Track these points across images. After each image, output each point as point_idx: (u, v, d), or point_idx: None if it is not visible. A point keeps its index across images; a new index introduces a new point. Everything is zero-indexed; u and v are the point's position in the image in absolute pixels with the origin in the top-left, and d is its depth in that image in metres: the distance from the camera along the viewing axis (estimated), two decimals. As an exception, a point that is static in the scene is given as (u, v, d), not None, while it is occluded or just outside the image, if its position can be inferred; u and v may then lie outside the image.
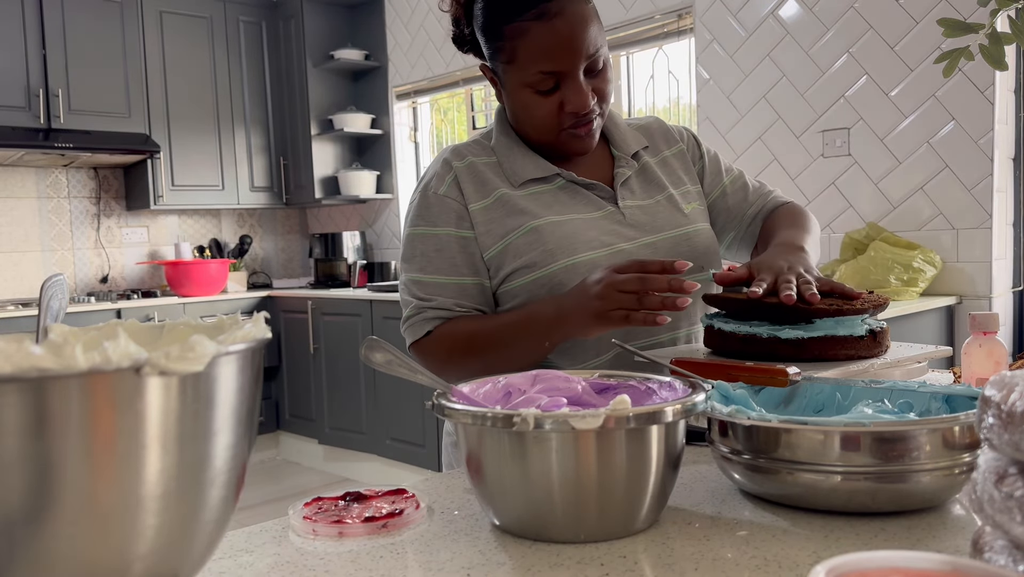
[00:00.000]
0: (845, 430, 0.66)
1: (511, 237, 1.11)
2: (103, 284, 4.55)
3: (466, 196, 1.14)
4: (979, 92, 2.60)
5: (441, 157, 1.18)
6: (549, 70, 1.07)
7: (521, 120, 1.15)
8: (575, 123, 1.11)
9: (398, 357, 0.77)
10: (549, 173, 1.15)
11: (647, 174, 1.22)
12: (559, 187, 1.16)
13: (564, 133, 1.12)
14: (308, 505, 0.75)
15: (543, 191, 1.15)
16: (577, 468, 0.64)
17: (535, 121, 1.12)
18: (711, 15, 3.27)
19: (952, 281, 2.71)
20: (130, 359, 0.42)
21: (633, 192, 1.19)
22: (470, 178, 1.15)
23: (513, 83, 1.11)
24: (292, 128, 4.81)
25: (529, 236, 1.10)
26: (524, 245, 1.10)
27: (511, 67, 1.09)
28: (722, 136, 3.27)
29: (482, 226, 1.13)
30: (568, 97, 1.08)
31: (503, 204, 1.13)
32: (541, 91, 1.09)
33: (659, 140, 1.27)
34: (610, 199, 1.17)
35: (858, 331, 0.98)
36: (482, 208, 1.13)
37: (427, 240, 1.13)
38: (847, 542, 0.63)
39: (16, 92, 3.89)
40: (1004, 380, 0.48)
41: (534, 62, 1.06)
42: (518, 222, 1.11)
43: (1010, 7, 1.14)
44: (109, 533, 0.44)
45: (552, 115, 1.10)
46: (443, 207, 1.14)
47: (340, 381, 4.24)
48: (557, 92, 1.09)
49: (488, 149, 1.18)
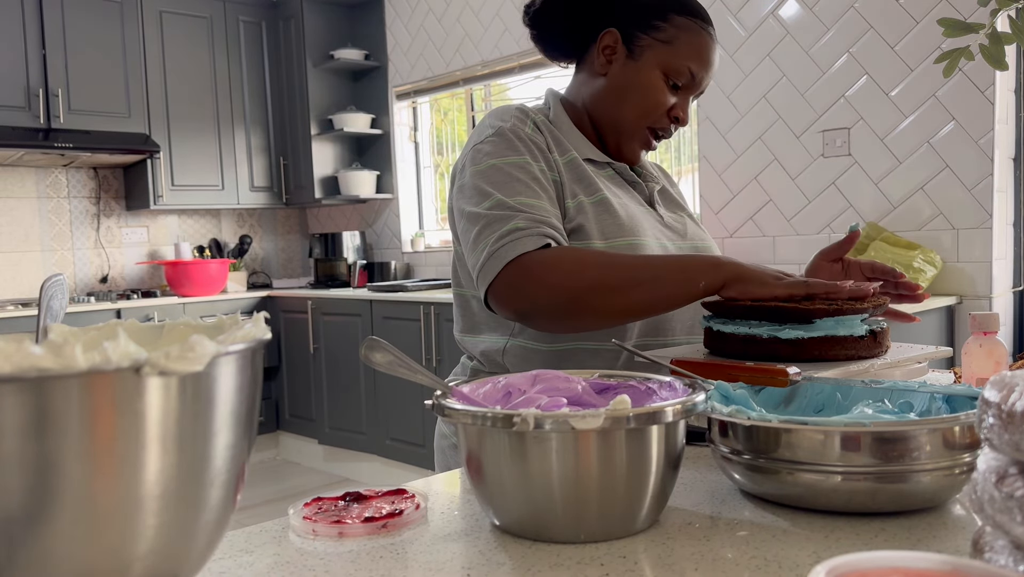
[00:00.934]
0: (845, 430, 0.66)
1: (582, 200, 1.10)
2: (103, 284, 4.55)
3: (550, 144, 1.12)
4: (979, 92, 2.60)
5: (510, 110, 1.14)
6: (694, 71, 1.13)
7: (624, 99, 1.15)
8: (663, 128, 1.16)
9: (398, 357, 0.77)
10: (601, 160, 1.18)
11: (667, 195, 1.28)
12: (608, 175, 1.19)
13: (648, 131, 1.16)
14: (308, 505, 0.75)
15: (598, 173, 1.17)
16: (577, 468, 0.64)
17: (646, 103, 1.14)
18: (711, 15, 3.26)
19: (952, 281, 2.71)
20: (130, 359, 0.42)
21: (661, 202, 1.25)
22: (548, 131, 1.15)
23: (653, 60, 1.13)
24: (292, 128, 4.81)
25: (599, 205, 1.11)
26: (593, 210, 1.10)
27: (663, 47, 1.12)
28: (722, 136, 3.27)
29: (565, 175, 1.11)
30: (682, 104, 1.15)
31: (574, 167, 1.13)
32: (670, 84, 1.13)
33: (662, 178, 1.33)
34: (648, 201, 1.22)
35: (858, 331, 0.98)
36: (563, 162, 1.12)
37: (520, 168, 1.05)
38: (847, 542, 0.63)
39: (16, 92, 3.89)
40: (1004, 380, 0.48)
41: (689, 56, 1.12)
42: (590, 188, 1.12)
43: (1010, 7, 1.14)
44: (109, 533, 0.44)
45: (662, 109, 1.14)
46: (530, 143, 1.09)
47: (340, 381, 4.24)
48: (676, 93, 1.15)
49: (547, 121, 1.18)
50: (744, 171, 3.22)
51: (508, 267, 0.97)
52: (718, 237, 3.33)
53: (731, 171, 3.26)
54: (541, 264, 0.97)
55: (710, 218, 3.35)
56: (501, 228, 0.99)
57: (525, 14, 1.21)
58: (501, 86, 4.36)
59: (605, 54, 1.15)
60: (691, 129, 3.49)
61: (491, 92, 4.44)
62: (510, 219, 0.99)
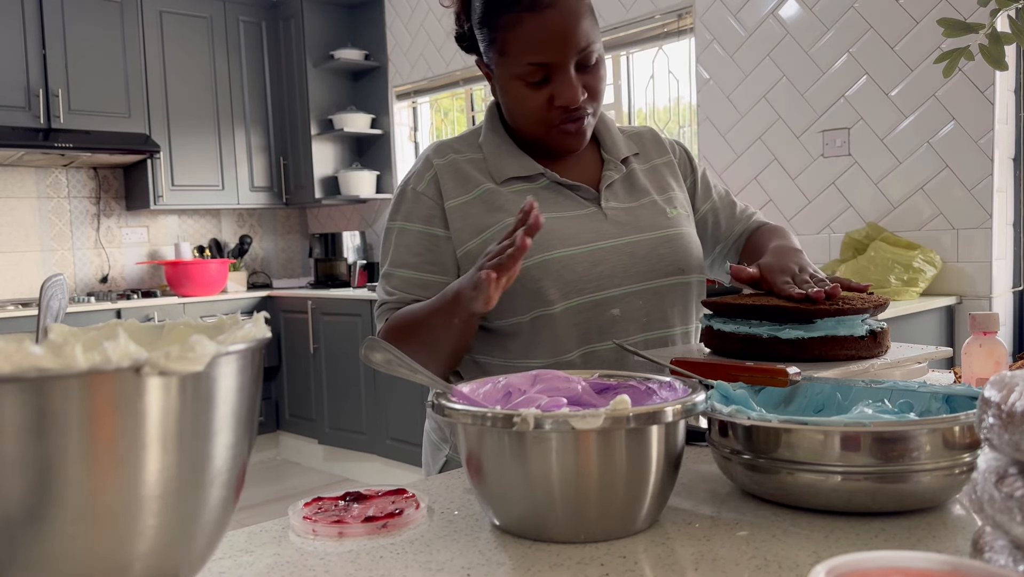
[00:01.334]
0: (845, 430, 0.66)
1: (488, 233, 1.11)
2: (103, 284, 4.55)
3: (444, 194, 1.14)
4: (979, 92, 2.60)
5: (424, 154, 1.19)
6: (539, 61, 1.06)
7: (513, 114, 1.15)
8: (565, 118, 1.10)
9: (398, 357, 0.77)
10: (533, 172, 1.15)
11: (633, 180, 1.22)
12: (543, 187, 1.16)
13: (554, 129, 1.11)
14: (308, 505, 0.75)
15: (526, 189, 1.15)
16: (577, 468, 0.64)
17: (526, 115, 1.12)
18: (711, 15, 3.27)
19: (952, 281, 2.71)
20: (130, 359, 0.42)
21: (617, 195, 1.19)
22: (451, 175, 1.15)
23: (505, 76, 1.11)
24: (292, 128, 4.81)
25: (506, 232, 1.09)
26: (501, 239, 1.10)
27: (503, 59, 1.10)
28: (722, 136, 3.27)
29: (459, 221, 1.13)
30: (557, 91, 1.08)
31: (485, 200, 1.13)
32: (531, 83, 1.08)
33: (651, 148, 1.27)
34: (594, 200, 1.16)
35: (858, 331, 0.98)
36: (460, 204, 1.13)
37: (399, 235, 1.15)
38: (847, 542, 0.63)
39: (16, 92, 3.89)
40: (1004, 380, 0.48)
41: (524, 53, 1.07)
42: (497, 218, 1.12)
43: (1010, 7, 1.14)
44: (109, 533, 0.44)
45: (542, 109, 1.09)
46: (417, 204, 1.15)
47: (340, 381, 4.24)
48: (547, 85, 1.08)
49: (476, 146, 1.19)
50: (744, 171, 3.22)
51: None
52: (718, 237, 3.33)
53: (731, 171, 3.26)
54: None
55: (710, 218, 3.35)
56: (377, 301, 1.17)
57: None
58: (501, 86, 4.36)
59: (488, 80, 1.17)
60: (691, 129, 3.49)
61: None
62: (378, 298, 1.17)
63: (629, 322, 1.12)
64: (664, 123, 3.69)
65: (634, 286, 1.12)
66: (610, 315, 1.11)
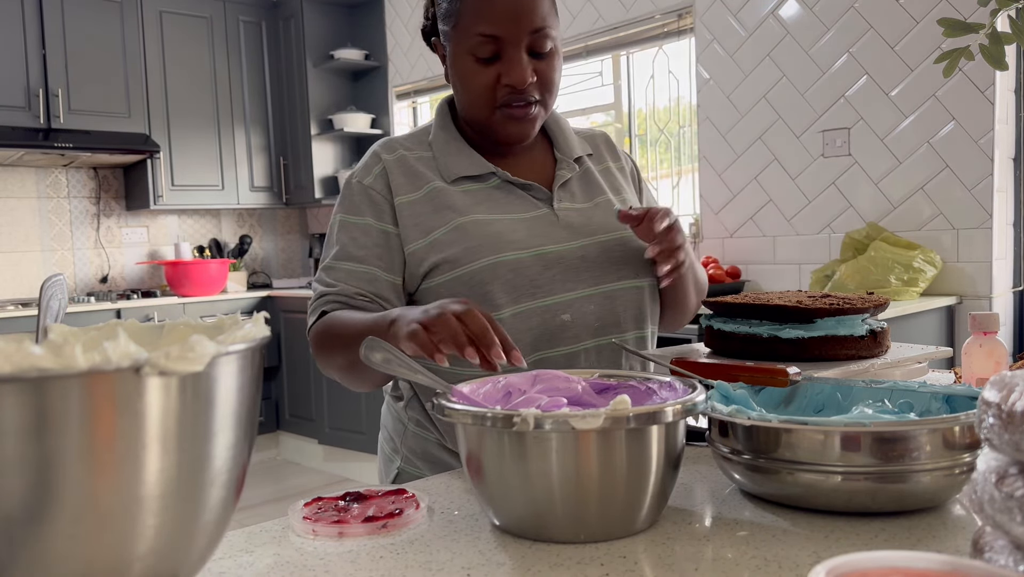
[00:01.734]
0: (845, 430, 0.66)
1: (437, 233, 1.09)
2: (103, 284, 4.55)
3: (393, 189, 1.12)
4: (979, 92, 2.60)
5: (372, 150, 1.17)
6: (489, 33, 1.04)
7: (460, 94, 1.12)
8: (510, 101, 1.07)
9: (398, 357, 0.77)
10: (484, 171, 1.12)
11: (588, 179, 1.19)
12: (494, 186, 1.13)
13: (499, 112, 1.08)
14: (308, 505, 0.75)
15: (476, 189, 1.12)
16: (577, 468, 0.64)
17: (471, 93, 1.08)
18: (711, 15, 3.27)
19: (952, 281, 2.71)
20: (130, 359, 0.42)
21: (572, 195, 1.15)
22: (400, 170, 1.13)
23: (457, 50, 1.08)
24: (292, 128, 4.81)
25: (454, 233, 1.08)
26: (448, 241, 1.08)
27: (456, 32, 1.07)
28: (722, 136, 3.28)
29: (408, 220, 1.10)
30: (505, 68, 1.05)
31: (432, 199, 1.11)
32: (481, 59, 1.05)
33: (604, 151, 1.25)
34: (546, 201, 1.13)
35: (858, 331, 0.98)
36: (409, 202, 1.11)
37: (346, 228, 1.12)
38: (847, 542, 0.63)
39: (16, 92, 3.89)
40: (1004, 380, 0.48)
41: (476, 24, 1.04)
42: (445, 218, 1.09)
43: (1010, 7, 1.14)
44: (109, 533, 0.44)
45: (488, 87, 1.06)
46: (365, 197, 1.12)
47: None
48: (496, 63, 1.06)
49: (425, 144, 1.16)
50: (744, 171, 3.22)
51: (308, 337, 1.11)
52: (718, 237, 3.33)
53: (731, 171, 3.26)
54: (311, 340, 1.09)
55: (710, 218, 3.35)
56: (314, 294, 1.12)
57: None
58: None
59: (442, 62, 1.15)
60: (691, 129, 3.49)
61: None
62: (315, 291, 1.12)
63: (581, 327, 1.08)
64: (664, 123, 3.69)
65: (585, 290, 1.09)
66: (560, 320, 1.06)
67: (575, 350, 1.08)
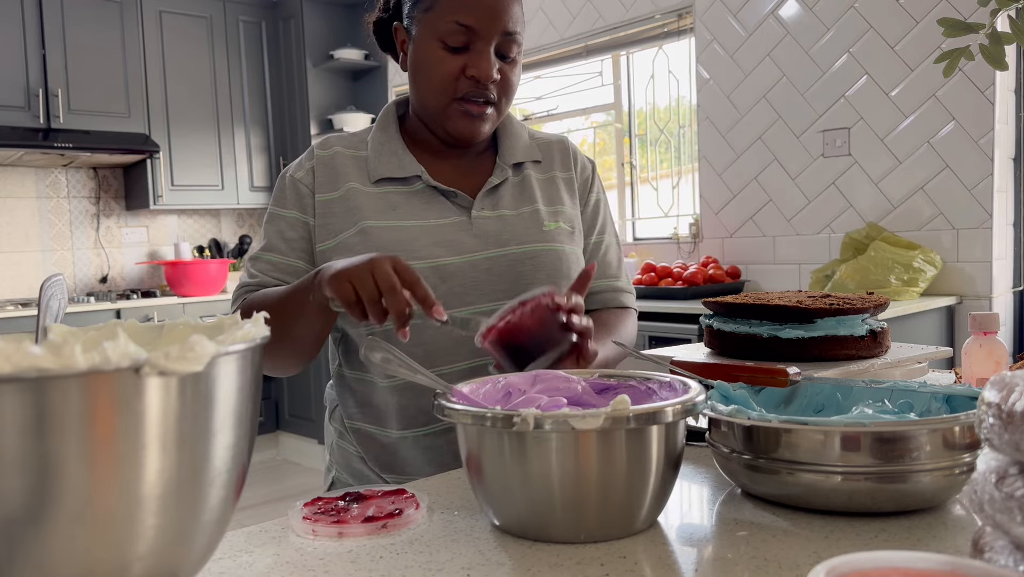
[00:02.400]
0: (845, 430, 0.66)
1: (344, 236, 1.09)
2: (102, 284, 4.55)
3: (317, 184, 1.13)
4: (979, 92, 2.60)
5: (312, 146, 1.18)
6: (465, 23, 1.04)
7: (417, 80, 1.10)
8: (469, 95, 1.06)
9: (397, 357, 0.77)
10: (409, 175, 1.11)
11: (523, 186, 1.16)
12: (416, 190, 1.11)
13: (456, 104, 1.07)
14: (308, 505, 0.75)
15: (396, 192, 1.11)
16: (577, 468, 0.64)
17: (433, 79, 1.07)
18: (711, 15, 3.27)
19: (952, 281, 2.71)
20: (130, 359, 0.42)
21: (498, 202, 1.13)
22: (326, 168, 1.13)
23: (425, 34, 1.07)
24: (292, 128, 4.81)
25: (359, 237, 1.08)
26: (354, 245, 1.08)
27: (428, 15, 1.06)
28: (722, 136, 3.28)
29: (321, 218, 1.11)
30: (473, 60, 1.05)
31: (347, 200, 1.11)
32: (449, 47, 1.05)
33: (556, 160, 1.21)
34: (467, 208, 1.11)
35: (858, 331, 0.98)
36: (326, 200, 1.12)
37: (274, 220, 1.13)
38: (847, 542, 0.63)
39: (16, 92, 3.89)
40: (1004, 380, 0.48)
41: (452, 11, 1.04)
42: (352, 220, 1.09)
43: (1010, 7, 1.14)
44: (109, 533, 0.44)
45: (451, 76, 1.06)
46: (293, 190, 1.13)
47: (340, 381, 4.24)
48: (464, 54, 1.05)
49: (364, 143, 1.17)
50: (744, 171, 3.22)
51: None
52: (718, 237, 3.32)
53: (731, 171, 3.26)
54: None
55: (710, 218, 3.35)
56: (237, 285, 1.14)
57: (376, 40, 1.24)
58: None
59: (402, 48, 1.13)
60: (691, 129, 3.49)
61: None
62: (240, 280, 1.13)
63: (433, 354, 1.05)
64: (664, 123, 3.69)
65: (484, 305, 1.06)
66: (457, 335, 1.01)
67: (476, 365, 1.06)
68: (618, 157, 3.86)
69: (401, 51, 1.14)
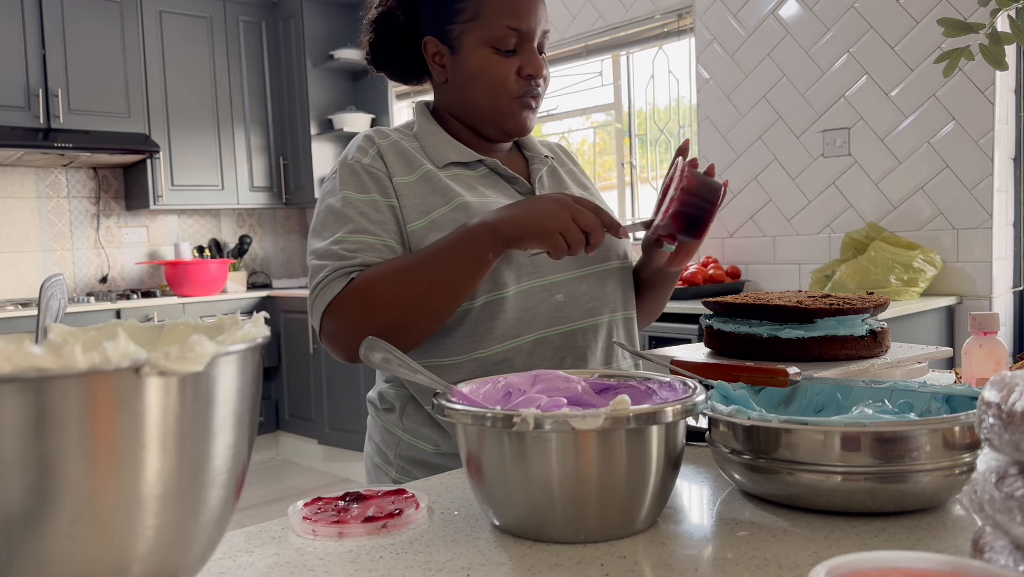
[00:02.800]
0: (845, 430, 0.66)
1: (437, 213, 1.10)
2: (102, 284, 4.55)
3: (391, 169, 1.13)
4: (979, 92, 2.60)
5: (361, 136, 1.18)
6: (515, 26, 1.10)
7: (474, 85, 1.14)
8: (526, 92, 1.13)
9: (397, 357, 0.77)
10: (472, 159, 1.16)
11: (556, 176, 1.25)
12: (481, 175, 1.17)
13: (516, 101, 1.13)
14: (308, 505, 0.75)
15: (465, 175, 1.15)
16: (577, 468, 0.64)
17: (492, 82, 1.12)
18: (711, 15, 3.27)
19: (952, 281, 2.71)
20: (130, 359, 0.42)
21: (545, 189, 1.21)
22: (394, 154, 1.14)
23: (474, 42, 1.11)
24: (292, 128, 4.81)
25: (457, 212, 1.09)
26: (450, 221, 1.08)
27: (474, 24, 1.11)
28: (722, 136, 3.27)
29: (407, 199, 1.11)
30: (526, 60, 1.12)
31: (428, 180, 1.12)
32: (501, 51, 1.11)
33: (563, 156, 1.31)
34: (528, 193, 1.19)
35: (858, 331, 0.98)
36: (407, 183, 1.12)
37: (352, 204, 1.10)
38: (847, 542, 0.63)
39: (16, 92, 3.89)
40: (1004, 380, 0.48)
41: (502, 17, 1.10)
42: (445, 197, 1.11)
43: (1010, 7, 1.14)
44: (109, 533, 0.44)
45: (508, 77, 1.12)
46: (368, 176, 1.12)
47: (340, 381, 4.23)
48: (514, 57, 1.12)
49: (411, 136, 1.19)
50: (744, 171, 3.22)
51: (323, 320, 1.04)
52: (718, 237, 3.33)
53: (731, 171, 3.26)
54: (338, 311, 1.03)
55: (710, 218, 3.35)
56: (314, 281, 1.06)
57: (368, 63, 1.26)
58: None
59: (436, 62, 1.17)
60: (691, 129, 3.49)
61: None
62: (321, 269, 1.05)
63: (574, 307, 1.11)
64: (664, 123, 3.69)
65: (578, 271, 1.12)
66: (555, 300, 1.10)
67: (571, 329, 1.11)
68: (618, 157, 3.86)
69: (435, 64, 1.17)
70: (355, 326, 1.01)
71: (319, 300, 1.04)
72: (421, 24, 1.17)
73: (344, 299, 1.02)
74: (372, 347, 0.78)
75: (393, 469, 1.19)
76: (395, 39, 1.20)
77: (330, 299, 1.03)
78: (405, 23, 1.19)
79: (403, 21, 1.19)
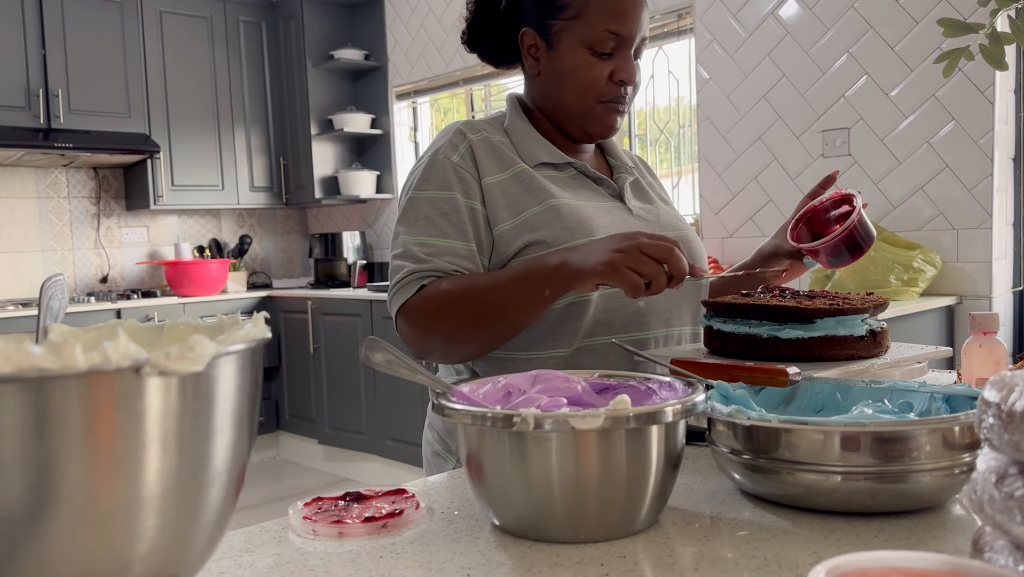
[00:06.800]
0: (845, 430, 0.66)
1: (528, 213, 1.10)
2: (103, 284, 4.55)
3: (481, 169, 1.12)
4: (979, 92, 2.60)
5: (453, 128, 1.16)
6: (615, 31, 1.10)
7: (565, 83, 1.14)
8: (616, 97, 1.14)
9: (398, 357, 0.77)
10: (561, 161, 1.17)
11: (640, 186, 1.27)
12: (571, 176, 1.18)
13: (602, 106, 1.14)
14: (308, 505, 0.75)
15: (556, 176, 1.16)
16: (577, 468, 0.64)
17: (583, 83, 1.13)
18: (711, 15, 3.27)
19: (952, 281, 2.71)
20: (130, 359, 0.42)
21: (631, 201, 1.22)
22: (486, 151, 1.14)
23: (572, 41, 1.12)
24: (292, 128, 4.81)
25: (548, 213, 1.10)
26: (542, 221, 1.09)
27: (575, 23, 1.11)
28: (722, 136, 3.27)
29: (498, 199, 1.11)
30: (620, 65, 1.12)
31: (521, 179, 1.12)
32: (598, 53, 1.11)
33: (643, 169, 1.33)
34: (616, 196, 1.20)
35: (858, 331, 0.98)
36: (498, 182, 1.12)
37: (434, 203, 1.10)
38: (847, 542, 0.63)
39: (16, 92, 3.89)
40: (1004, 380, 0.48)
41: (604, 20, 1.10)
42: (537, 198, 1.11)
43: (1010, 7, 1.14)
44: (109, 533, 0.44)
45: (601, 80, 1.12)
46: (455, 174, 1.11)
47: (340, 381, 4.24)
48: (610, 60, 1.12)
49: (501, 130, 1.19)
50: (744, 171, 3.22)
51: (397, 319, 1.08)
52: (718, 237, 3.33)
53: (731, 171, 3.26)
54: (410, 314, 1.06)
55: (710, 218, 3.35)
56: (393, 279, 1.09)
57: (463, 42, 1.25)
58: (501, 86, 4.36)
59: (531, 54, 1.17)
60: (691, 129, 3.49)
61: (491, 92, 4.44)
62: (399, 269, 1.08)
63: (652, 315, 1.14)
64: (664, 123, 3.69)
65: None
66: (636, 307, 1.12)
67: (646, 337, 1.14)
68: (618, 157, 3.86)
69: (530, 56, 1.18)
70: (421, 334, 1.06)
71: (395, 299, 1.08)
72: (521, 14, 1.17)
73: (413, 307, 1.06)
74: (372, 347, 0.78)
75: (454, 458, 1.19)
76: (492, 23, 1.21)
77: (402, 302, 1.07)
78: (506, 9, 1.19)
79: (504, 7, 1.19)
